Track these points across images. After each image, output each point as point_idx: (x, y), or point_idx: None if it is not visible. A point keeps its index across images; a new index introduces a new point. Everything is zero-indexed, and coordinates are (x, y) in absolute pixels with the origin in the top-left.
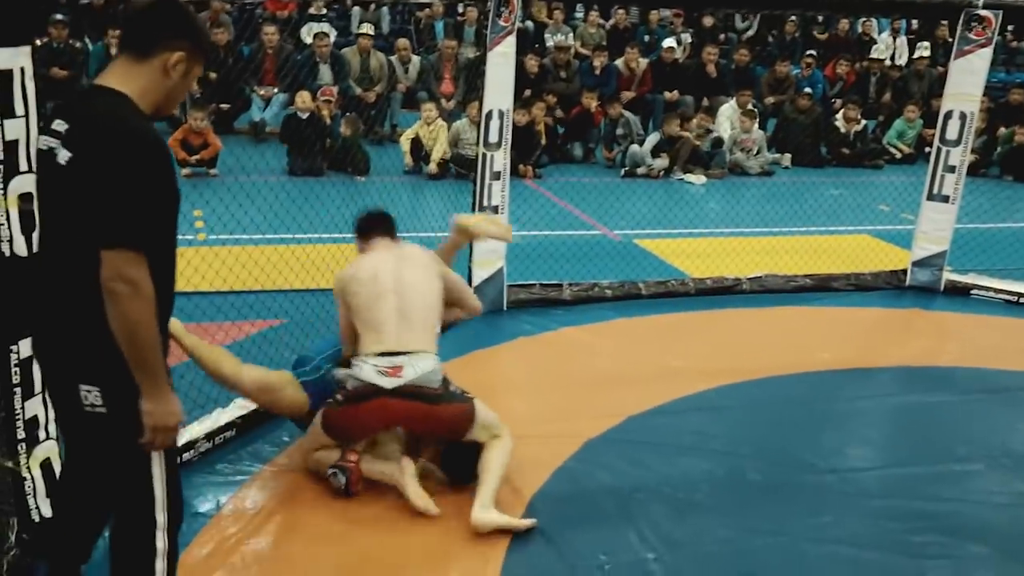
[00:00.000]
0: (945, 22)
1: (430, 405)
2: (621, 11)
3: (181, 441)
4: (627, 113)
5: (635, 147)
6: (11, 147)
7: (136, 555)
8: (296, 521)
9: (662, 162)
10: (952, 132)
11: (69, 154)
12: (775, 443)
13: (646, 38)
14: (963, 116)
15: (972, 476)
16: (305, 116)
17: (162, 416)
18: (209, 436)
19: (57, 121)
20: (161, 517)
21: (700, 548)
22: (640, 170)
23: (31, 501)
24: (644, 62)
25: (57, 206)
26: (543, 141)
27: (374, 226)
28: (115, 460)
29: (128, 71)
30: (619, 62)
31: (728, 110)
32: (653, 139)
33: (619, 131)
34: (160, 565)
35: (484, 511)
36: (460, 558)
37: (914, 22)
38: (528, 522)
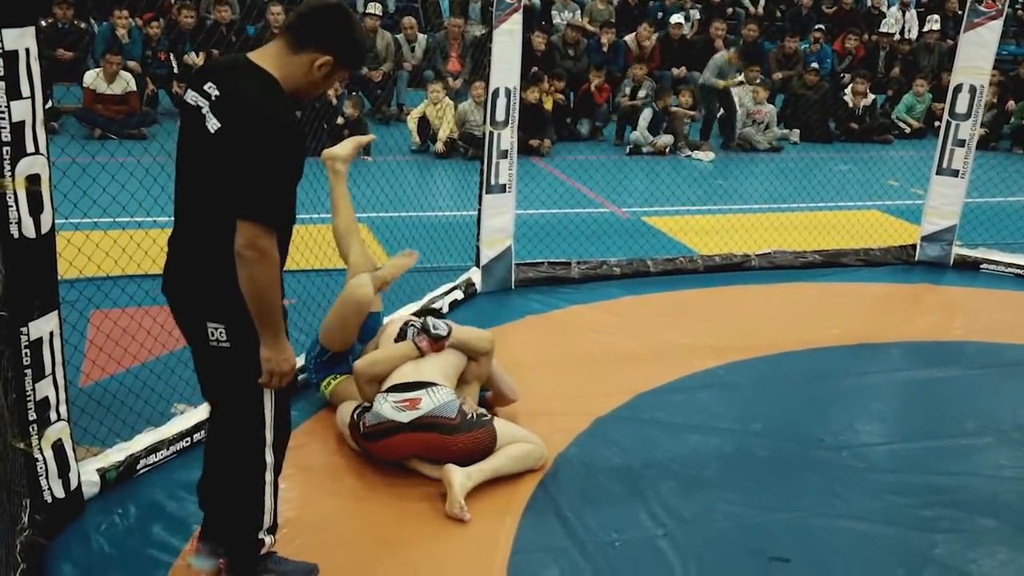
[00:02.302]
0: None
1: (445, 436)
2: None
3: (192, 422)
4: (648, 79)
5: (634, 133)
6: (17, 128)
7: (248, 469)
8: (307, 497)
9: (666, 139)
10: (962, 106)
11: (218, 124)
12: (784, 419)
13: (660, 15)
14: (973, 89)
15: (982, 450)
16: None
17: (278, 363)
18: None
19: (209, 84)
20: (269, 435)
21: (710, 524)
22: (645, 149)
23: (43, 482)
24: (653, 38)
25: (199, 165)
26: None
27: None
28: (235, 387)
29: (280, 56)
30: (629, 38)
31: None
32: (647, 115)
33: (642, 93)
34: (269, 477)
35: (462, 473)
36: (472, 534)
37: None
38: (464, 514)
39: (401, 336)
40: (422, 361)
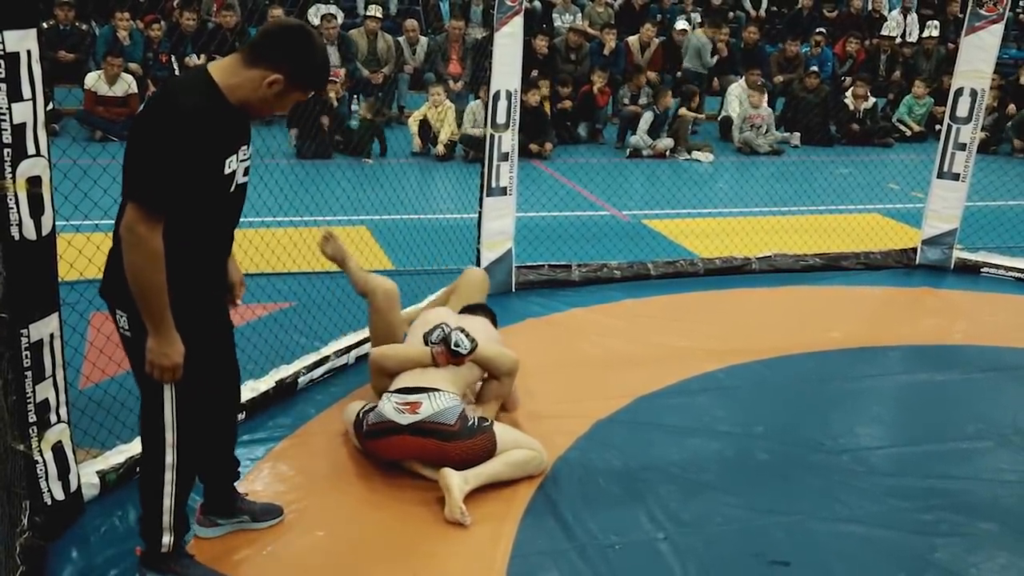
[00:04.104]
0: None
1: (443, 442)
2: None
3: None
4: (646, 86)
5: (634, 137)
6: (19, 130)
7: (149, 464)
8: (307, 499)
9: (666, 142)
10: (963, 109)
11: (139, 111)
12: (784, 422)
13: (658, 16)
14: (974, 93)
15: (982, 454)
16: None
17: (158, 355)
18: None
19: None
20: (170, 436)
21: (710, 528)
22: (645, 152)
23: (43, 484)
24: (656, 42)
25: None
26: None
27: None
28: (138, 378)
29: (233, 67)
30: (632, 39)
31: (737, 89)
32: (648, 118)
33: (643, 100)
34: (169, 476)
35: (459, 476)
36: (472, 537)
37: None
38: (465, 519)
39: (429, 336)
40: (431, 368)
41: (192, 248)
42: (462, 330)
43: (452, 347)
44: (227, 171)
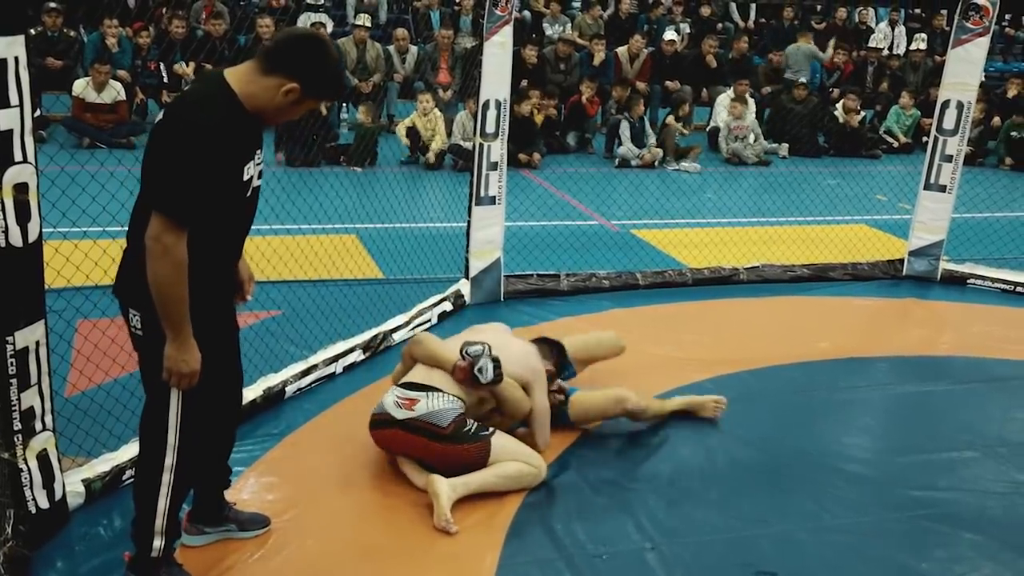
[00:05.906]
0: (944, 11)
1: (431, 442)
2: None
3: None
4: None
5: (621, 148)
6: (5, 137)
7: (147, 465)
8: (294, 507)
9: (655, 152)
10: (949, 121)
11: (159, 118)
12: (772, 433)
13: (645, 27)
14: (960, 105)
15: (968, 465)
16: None
17: (177, 362)
18: None
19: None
20: (172, 438)
21: (697, 538)
22: (633, 162)
23: (28, 493)
24: (644, 52)
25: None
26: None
27: None
28: (146, 378)
29: (249, 74)
30: (622, 50)
31: (725, 100)
32: (624, 128)
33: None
34: (166, 478)
35: (447, 484)
36: (459, 546)
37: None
38: (451, 526)
39: (466, 348)
40: (438, 370)
41: (207, 252)
42: (496, 360)
43: (474, 372)
44: (245, 177)
